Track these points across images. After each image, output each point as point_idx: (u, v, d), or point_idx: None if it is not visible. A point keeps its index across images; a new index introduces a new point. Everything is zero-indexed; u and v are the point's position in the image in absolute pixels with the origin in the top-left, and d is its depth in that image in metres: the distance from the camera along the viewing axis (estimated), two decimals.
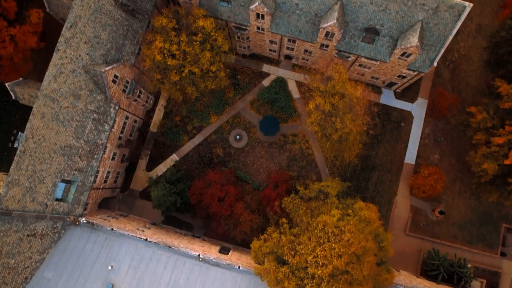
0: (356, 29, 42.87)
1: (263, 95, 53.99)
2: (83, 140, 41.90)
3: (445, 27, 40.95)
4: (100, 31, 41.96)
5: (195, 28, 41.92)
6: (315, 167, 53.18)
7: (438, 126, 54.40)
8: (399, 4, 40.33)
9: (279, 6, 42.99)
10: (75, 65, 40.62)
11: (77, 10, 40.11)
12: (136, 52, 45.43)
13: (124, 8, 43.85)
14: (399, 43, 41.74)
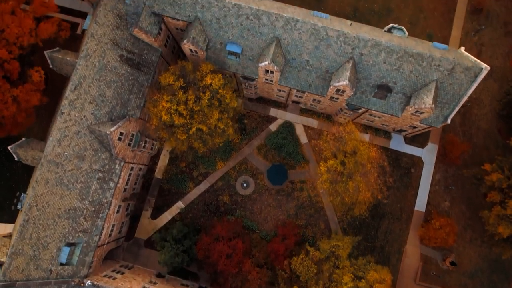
0: (368, 86, 41.74)
1: (270, 140, 52.88)
2: (87, 200, 40.80)
3: (460, 87, 39.87)
4: (105, 89, 40.80)
5: (203, 87, 40.76)
6: (323, 215, 52.12)
7: (448, 172, 53.34)
8: (413, 65, 39.23)
9: (289, 61, 41.85)
10: (80, 127, 39.47)
11: (82, 71, 38.93)
12: (142, 105, 44.26)
13: (129, 62, 42.67)
14: (413, 101, 40.63)
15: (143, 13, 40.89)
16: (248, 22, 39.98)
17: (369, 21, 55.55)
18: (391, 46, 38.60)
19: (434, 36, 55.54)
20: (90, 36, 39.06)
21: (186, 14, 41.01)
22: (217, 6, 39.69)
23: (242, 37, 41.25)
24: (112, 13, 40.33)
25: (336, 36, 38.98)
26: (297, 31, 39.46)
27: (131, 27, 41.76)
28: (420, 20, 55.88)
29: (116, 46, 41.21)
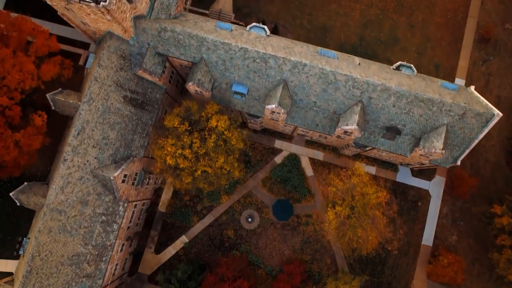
0: (377, 127, 40.97)
1: (275, 173, 52.12)
2: (91, 245, 40.04)
3: (471, 131, 39.11)
4: (108, 131, 39.99)
5: (209, 130, 39.95)
6: (329, 249, 51.40)
7: (456, 206, 52.62)
8: (423, 109, 38.47)
9: (296, 102, 41.08)
10: (83, 172, 38.68)
11: (85, 115, 38.12)
12: (145, 145, 43.45)
13: (133, 102, 41.86)
14: (422, 144, 39.86)
15: (147, 54, 40.07)
16: (255, 64, 39.18)
17: (375, 50, 54.78)
18: (401, 91, 37.83)
19: (441, 66, 54.76)
20: (94, 80, 38.24)
21: (191, 55, 40.19)
22: (223, 49, 38.87)
23: (248, 78, 40.46)
24: (116, 55, 39.49)
25: (344, 80, 38.19)
26: (305, 74, 38.67)
27: (135, 67, 40.93)
28: (427, 49, 55.06)
29: (120, 87, 40.39)
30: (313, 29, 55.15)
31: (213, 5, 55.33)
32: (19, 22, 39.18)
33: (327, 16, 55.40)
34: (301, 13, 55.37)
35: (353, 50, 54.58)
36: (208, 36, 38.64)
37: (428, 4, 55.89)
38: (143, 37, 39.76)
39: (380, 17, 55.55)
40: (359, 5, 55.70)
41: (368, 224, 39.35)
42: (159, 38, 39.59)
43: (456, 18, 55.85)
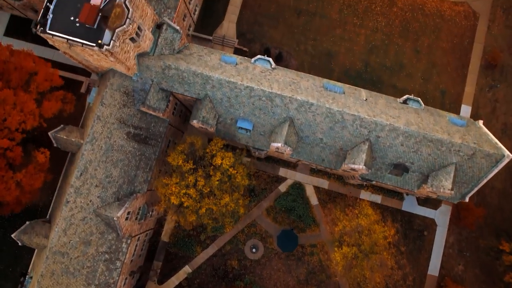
0: (384, 164, 40.36)
1: (280, 202, 51.51)
2: (94, 284, 39.38)
3: (480, 170, 38.50)
4: (111, 169, 39.34)
5: (213, 168, 39.31)
6: (335, 281, 50.79)
7: (462, 235, 52.04)
8: (432, 149, 37.86)
9: (302, 138, 40.45)
10: (86, 212, 38.04)
11: (88, 155, 37.47)
12: (149, 179, 42.79)
13: (136, 138, 41.20)
14: (430, 182, 39.26)
15: (151, 91, 39.39)
16: (261, 102, 38.53)
17: (381, 76, 54.13)
18: (409, 131, 37.21)
19: (447, 93, 54.13)
20: (96, 119, 37.58)
21: (196, 92, 39.52)
22: (228, 87, 38.21)
23: (253, 115, 39.83)
24: (119, 92, 38.82)
25: (352, 119, 37.56)
26: (312, 113, 38.04)
27: (138, 103, 40.24)
28: (433, 75, 54.41)
29: (123, 124, 39.73)
30: (318, 55, 54.46)
31: (217, 30, 54.77)
32: (20, 59, 38.40)
33: (332, 42, 54.72)
34: (305, 39, 54.68)
35: (358, 76, 53.95)
36: (213, 74, 37.97)
37: (434, 29, 55.24)
38: (147, 73, 39.08)
39: (385, 42, 54.89)
40: (364, 30, 55.03)
41: (375, 266, 38.78)
42: (163, 75, 38.92)
43: (462, 43, 55.21)
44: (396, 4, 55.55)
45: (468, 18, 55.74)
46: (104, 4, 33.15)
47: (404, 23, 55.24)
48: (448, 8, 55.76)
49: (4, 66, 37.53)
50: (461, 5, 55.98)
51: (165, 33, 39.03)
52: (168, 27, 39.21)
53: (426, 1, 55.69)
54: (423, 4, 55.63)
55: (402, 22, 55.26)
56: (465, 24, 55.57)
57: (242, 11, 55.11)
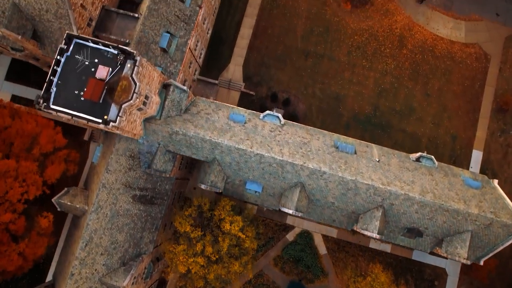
0: (397, 227, 39.29)
1: (287, 252, 50.42)
2: None
3: (496, 238, 37.45)
4: (117, 235, 38.21)
5: (222, 235, 38.21)
6: None
7: (473, 284, 51.05)
8: (447, 217, 36.79)
9: (312, 201, 39.33)
10: (91, 282, 36.93)
11: (93, 225, 36.31)
12: (155, 238, 41.67)
13: (142, 200, 40.05)
14: (445, 247, 38.21)
15: (158, 154, 38.22)
16: (271, 168, 37.39)
17: (390, 121, 52.97)
18: (425, 201, 36.10)
19: (458, 137, 53.00)
20: (102, 187, 36.39)
21: (204, 155, 38.37)
22: (237, 153, 37.06)
23: (263, 178, 38.70)
24: (124, 156, 37.63)
25: (365, 188, 36.45)
26: (324, 180, 36.90)
27: (144, 165, 39.07)
28: (443, 119, 53.26)
29: (129, 188, 38.57)
30: (326, 98, 53.29)
31: (223, 73, 53.60)
32: (22, 122, 37.21)
33: (340, 85, 53.54)
34: (313, 82, 53.50)
35: (367, 120, 52.80)
36: (222, 140, 36.78)
37: (445, 71, 54.07)
38: (153, 136, 37.90)
39: (395, 85, 53.72)
40: (373, 73, 53.83)
41: None
42: (170, 139, 37.73)
43: (474, 86, 54.05)
44: (406, 46, 54.34)
45: (480, 60, 54.56)
46: (110, 76, 31.95)
47: (414, 65, 54.05)
48: (459, 50, 54.56)
49: (5, 132, 36.30)
50: (472, 46, 54.79)
51: (172, 94, 37.80)
52: (175, 88, 38.00)
53: (436, 43, 54.48)
54: (433, 46, 54.42)
55: (412, 65, 54.06)
56: (476, 66, 54.40)
57: (248, 53, 53.88)
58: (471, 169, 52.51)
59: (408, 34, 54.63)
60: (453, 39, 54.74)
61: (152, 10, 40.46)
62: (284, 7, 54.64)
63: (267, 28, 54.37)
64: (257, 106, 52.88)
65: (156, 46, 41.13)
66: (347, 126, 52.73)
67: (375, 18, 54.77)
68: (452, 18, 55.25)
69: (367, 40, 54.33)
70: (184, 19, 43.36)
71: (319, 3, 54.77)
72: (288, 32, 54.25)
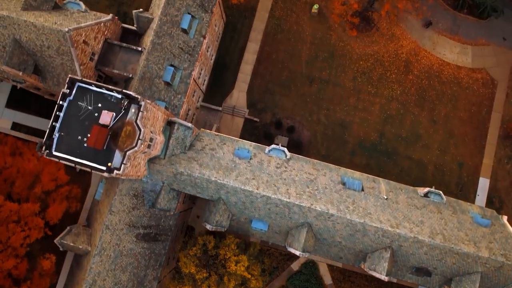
0: (405, 266, 38.64)
1: (292, 282, 49.74)
2: None
3: (506, 279, 36.81)
4: (120, 275, 37.54)
5: (228, 275, 37.58)
6: None
7: None
8: (457, 259, 36.15)
9: (319, 240, 38.67)
10: None
11: (96, 268, 35.62)
12: (158, 275, 41.01)
13: (145, 238, 39.38)
14: (454, 287, 37.57)
15: (162, 193, 37.53)
16: (277, 209, 36.73)
17: (396, 148, 52.28)
18: (434, 244, 35.45)
19: (465, 165, 52.33)
20: (105, 229, 35.70)
21: (209, 195, 37.69)
22: (244, 194, 36.38)
23: (269, 217, 38.03)
24: (128, 196, 36.95)
25: (374, 230, 35.80)
26: (331, 222, 36.26)
27: (148, 203, 38.40)
28: (450, 146, 52.58)
29: (132, 227, 37.90)
30: (331, 125, 52.57)
31: (226, 99, 52.92)
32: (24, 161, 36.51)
33: (345, 111, 52.83)
34: (318, 108, 52.78)
35: (372, 148, 52.11)
36: (228, 181, 36.06)
37: (451, 97, 53.38)
38: (157, 175, 37.20)
39: (401, 111, 53.02)
40: (379, 99, 53.14)
41: None
42: (174, 178, 37.05)
43: (481, 112, 53.37)
44: (412, 71, 53.64)
45: (486, 85, 53.88)
46: (114, 122, 31.24)
47: (420, 91, 53.36)
48: (465, 75, 53.87)
49: (6, 171, 35.60)
50: (479, 72, 54.10)
51: (176, 132, 37.10)
52: (180, 126, 37.28)
53: (443, 68, 53.78)
54: (439, 71, 53.72)
55: (418, 90, 53.37)
56: (483, 92, 53.72)
57: (252, 79, 53.15)
58: (478, 197, 51.92)
59: (414, 59, 53.92)
60: (459, 64, 54.04)
61: (156, 44, 39.72)
62: (289, 32, 53.90)
63: (271, 53, 53.63)
64: (261, 132, 52.20)
65: (160, 80, 40.42)
66: (352, 153, 52.05)
67: (380, 43, 54.06)
68: (459, 42, 54.55)
69: (372, 65, 53.62)
70: (188, 50, 42.62)
71: (324, 28, 54.03)
72: (293, 57, 53.52)
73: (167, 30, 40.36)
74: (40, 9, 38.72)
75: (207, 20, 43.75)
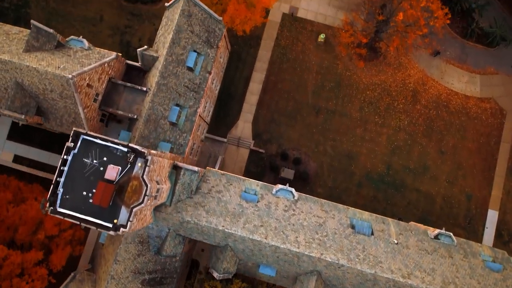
0: None
1: None
2: None
3: None
4: None
5: None
6: None
7: None
8: None
9: (328, 286, 37.90)
10: None
11: None
12: None
13: (151, 282, 38.61)
14: None
15: (168, 239, 36.76)
16: (286, 257, 35.98)
17: (404, 179, 51.53)
18: None
19: (473, 196, 51.60)
20: (110, 279, 34.93)
21: (216, 242, 36.93)
22: (252, 242, 35.61)
23: (277, 264, 37.29)
24: (134, 243, 36.18)
25: (385, 281, 35.06)
26: (341, 271, 35.52)
27: (153, 249, 37.63)
28: (458, 178, 51.83)
29: (138, 274, 37.14)
30: (337, 156, 51.79)
31: (231, 130, 52.12)
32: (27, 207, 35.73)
33: (352, 142, 52.04)
34: (324, 139, 51.99)
35: (380, 179, 51.35)
36: (235, 230, 35.26)
37: (459, 127, 52.62)
38: (163, 222, 36.42)
39: (408, 142, 52.24)
40: (386, 129, 52.35)
41: None
42: (180, 226, 36.26)
43: (489, 143, 52.63)
44: (420, 101, 52.86)
45: (495, 115, 53.14)
46: (120, 176, 30.39)
47: (428, 121, 52.58)
48: (474, 105, 53.11)
49: (9, 219, 34.81)
50: (487, 101, 53.35)
51: (182, 178, 36.26)
52: (186, 171, 36.46)
53: (451, 98, 53.02)
54: (448, 101, 52.96)
55: (426, 121, 52.60)
56: (491, 122, 52.96)
57: (258, 109, 52.33)
58: (486, 230, 51.25)
59: (422, 89, 53.15)
60: (468, 93, 53.27)
61: (161, 85, 38.86)
62: (295, 61, 53.06)
63: (277, 83, 52.80)
64: (266, 164, 51.43)
65: (165, 121, 39.59)
66: (359, 185, 51.30)
67: (388, 72, 53.25)
68: (467, 71, 53.77)
69: (379, 95, 52.84)
70: (194, 88, 41.77)
71: (330, 57, 53.20)
72: (299, 87, 52.70)
73: (172, 70, 39.50)
74: (42, 49, 37.85)
75: (213, 55, 42.88)
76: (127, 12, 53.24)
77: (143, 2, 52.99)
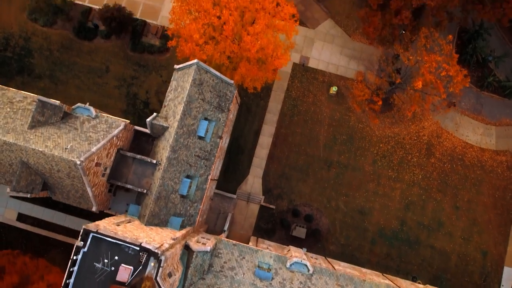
0: None
1: None
2: None
3: None
4: None
5: None
6: None
7: None
8: None
9: None
10: None
11: None
12: None
13: None
14: None
15: None
16: None
17: (418, 236, 50.24)
18: None
19: (489, 253, 50.36)
20: None
21: None
22: None
23: None
24: None
25: None
26: None
27: None
28: (473, 234, 50.56)
29: None
30: (350, 212, 50.45)
31: (241, 186, 50.75)
32: None
33: (365, 197, 50.69)
34: (336, 194, 50.65)
35: (393, 236, 50.08)
36: None
37: (475, 181, 51.30)
38: None
39: (422, 197, 50.90)
40: (399, 184, 51.01)
41: None
42: None
43: (505, 197, 51.33)
44: (434, 154, 51.50)
45: (511, 168, 51.79)
46: (132, 278, 29.06)
47: (443, 175, 51.24)
48: (489, 158, 51.77)
49: None
50: (503, 154, 52.01)
51: (195, 260, 34.97)
52: (198, 253, 35.11)
53: (466, 151, 51.67)
54: (462, 154, 51.61)
55: (441, 175, 51.25)
56: (507, 176, 51.64)
57: (268, 164, 50.91)
58: (502, 287, 50.07)
59: (436, 142, 51.78)
60: (483, 146, 51.93)
61: (172, 159, 37.41)
62: (306, 113, 51.61)
63: (287, 136, 51.37)
64: (277, 220, 50.10)
65: (176, 195, 38.19)
66: (372, 241, 50.01)
67: (401, 125, 51.87)
68: (482, 123, 52.42)
69: (393, 148, 51.47)
70: (205, 156, 40.34)
71: (342, 109, 51.76)
72: (310, 140, 51.29)
73: (183, 142, 38.05)
74: (48, 124, 36.37)
75: (224, 120, 41.44)
76: (133, 62, 51.68)
77: (149, 52, 51.42)
